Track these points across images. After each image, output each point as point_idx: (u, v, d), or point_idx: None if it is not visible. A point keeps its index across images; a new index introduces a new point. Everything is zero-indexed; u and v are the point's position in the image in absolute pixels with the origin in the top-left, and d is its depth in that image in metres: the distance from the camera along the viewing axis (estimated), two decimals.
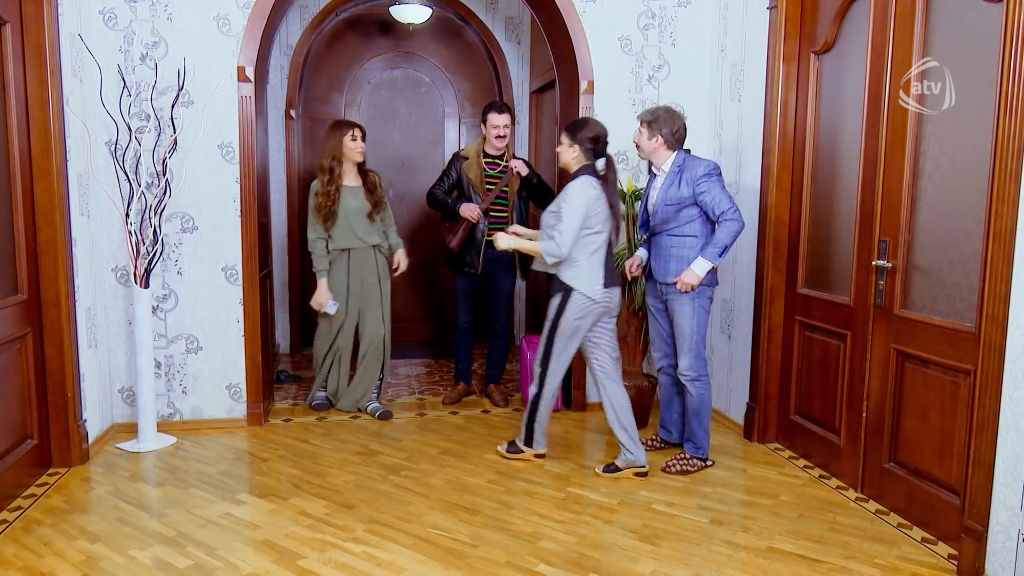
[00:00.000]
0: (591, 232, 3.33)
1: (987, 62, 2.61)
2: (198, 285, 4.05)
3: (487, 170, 4.40)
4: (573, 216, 3.25)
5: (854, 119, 3.33)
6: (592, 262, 3.35)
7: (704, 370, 3.57)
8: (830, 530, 2.98)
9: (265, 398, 4.28)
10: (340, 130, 4.14)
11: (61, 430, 3.50)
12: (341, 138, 4.11)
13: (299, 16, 5.70)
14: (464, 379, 4.74)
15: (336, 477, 3.48)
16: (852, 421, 3.37)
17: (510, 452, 3.73)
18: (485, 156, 4.42)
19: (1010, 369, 2.48)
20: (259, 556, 2.73)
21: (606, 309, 3.43)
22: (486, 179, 4.39)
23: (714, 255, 3.39)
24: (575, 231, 3.26)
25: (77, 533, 2.89)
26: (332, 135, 4.14)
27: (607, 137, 3.45)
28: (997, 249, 2.49)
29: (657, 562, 2.72)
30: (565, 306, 3.38)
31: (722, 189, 3.40)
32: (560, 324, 3.40)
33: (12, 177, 3.22)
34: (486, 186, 4.37)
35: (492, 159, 4.44)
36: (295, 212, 5.89)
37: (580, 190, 3.28)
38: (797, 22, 3.69)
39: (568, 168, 3.48)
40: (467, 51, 6.17)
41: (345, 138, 4.11)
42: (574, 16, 4.24)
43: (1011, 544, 2.48)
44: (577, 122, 3.49)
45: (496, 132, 4.34)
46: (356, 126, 4.15)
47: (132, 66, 3.84)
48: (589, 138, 3.40)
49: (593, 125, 3.44)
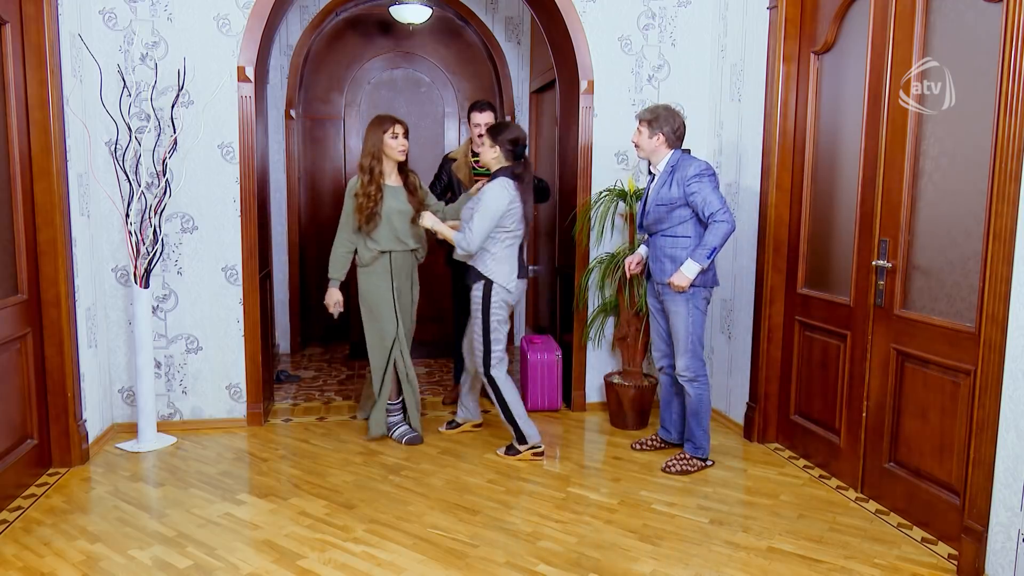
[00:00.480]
0: (506, 230, 3.58)
1: (987, 62, 2.61)
2: (198, 285, 4.05)
3: (476, 169, 4.37)
4: (485, 216, 3.50)
5: (854, 119, 3.33)
6: (507, 255, 3.63)
7: (702, 371, 3.57)
8: (830, 530, 2.98)
9: (265, 398, 4.28)
10: (381, 126, 3.79)
11: (61, 430, 3.50)
12: (382, 135, 3.77)
13: (299, 16, 5.70)
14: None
15: (336, 477, 3.48)
16: (852, 421, 3.37)
17: (509, 455, 3.75)
18: (473, 156, 4.39)
19: (1010, 369, 2.48)
20: (259, 556, 2.73)
21: (517, 299, 3.73)
22: (475, 178, 4.35)
23: (702, 257, 3.38)
24: (485, 231, 3.51)
25: (77, 533, 2.89)
26: (372, 132, 3.80)
27: (526, 141, 3.69)
28: (997, 249, 2.49)
29: (657, 562, 2.72)
30: (489, 299, 3.62)
31: (713, 190, 3.38)
32: (491, 319, 3.64)
33: (12, 177, 3.22)
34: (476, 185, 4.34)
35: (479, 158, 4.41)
36: (295, 212, 5.89)
37: (497, 194, 3.51)
38: (797, 22, 3.69)
39: (489, 167, 3.71)
40: (467, 51, 6.17)
41: (386, 136, 3.77)
42: (574, 16, 4.25)
43: (1011, 544, 2.48)
44: (499, 125, 3.72)
45: (478, 131, 4.30)
46: (398, 122, 3.81)
47: (132, 66, 3.85)
48: (509, 140, 3.61)
49: (514, 128, 3.66)
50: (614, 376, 4.29)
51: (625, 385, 4.16)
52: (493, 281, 3.60)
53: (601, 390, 4.49)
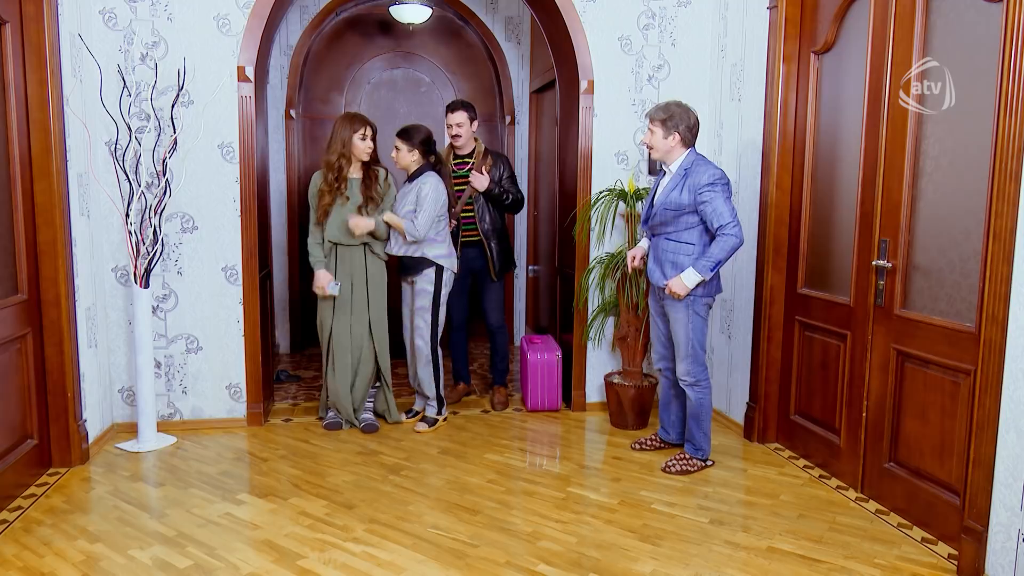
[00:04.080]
0: (441, 217, 4.01)
1: (987, 62, 2.61)
2: (198, 285, 4.05)
3: (456, 171, 4.36)
4: (431, 207, 3.92)
5: (854, 119, 3.33)
6: (447, 240, 4.07)
7: (703, 375, 3.55)
8: (830, 530, 2.98)
9: (265, 398, 4.28)
10: (351, 126, 3.94)
11: (61, 430, 3.50)
12: (351, 135, 3.93)
13: (299, 16, 5.70)
14: (463, 379, 4.74)
15: (336, 477, 3.48)
16: (852, 421, 3.37)
17: (431, 427, 4.15)
18: (455, 157, 4.40)
19: (1010, 369, 2.48)
20: (259, 556, 2.73)
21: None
22: (454, 180, 4.33)
23: (705, 268, 3.31)
24: (431, 220, 3.93)
25: (77, 533, 2.89)
26: (342, 129, 3.93)
27: (433, 136, 4.08)
28: (997, 249, 2.49)
29: (657, 562, 2.72)
30: (441, 282, 4.04)
31: (725, 201, 3.30)
32: (440, 299, 4.07)
33: (12, 177, 3.22)
34: (455, 187, 4.32)
35: (461, 159, 4.40)
36: (295, 212, 5.89)
37: (435, 187, 3.95)
38: (797, 22, 3.69)
39: (408, 169, 4.07)
40: (467, 51, 6.17)
41: (355, 136, 3.93)
42: (574, 16, 4.24)
43: (1011, 544, 2.48)
44: (408, 129, 4.03)
45: (449, 132, 4.32)
46: (368, 123, 3.97)
47: (132, 66, 3.85)
48: (421, 141, 4.01)
49: (422, 129, 4.04)
50: (614, 376, 4.29)
51: (625, 385, 4.16)
52: (443, 266, 4.03)
53: (601, 390, 4.49)
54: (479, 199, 4.35)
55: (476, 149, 4.40)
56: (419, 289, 4.06)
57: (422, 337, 4.09)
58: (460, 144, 4.35)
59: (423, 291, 4.05)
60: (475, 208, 4.36)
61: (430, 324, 4.07)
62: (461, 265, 4.35)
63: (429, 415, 4.21)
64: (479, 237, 4.39)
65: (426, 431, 4.12)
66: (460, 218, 4.35)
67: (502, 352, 4.66)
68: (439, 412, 4.21)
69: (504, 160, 4.44)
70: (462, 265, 4.37)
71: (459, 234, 4.36)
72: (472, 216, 4.38)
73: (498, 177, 4.36)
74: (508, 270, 4.57)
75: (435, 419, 4.19)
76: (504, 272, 4.50)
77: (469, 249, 4.41)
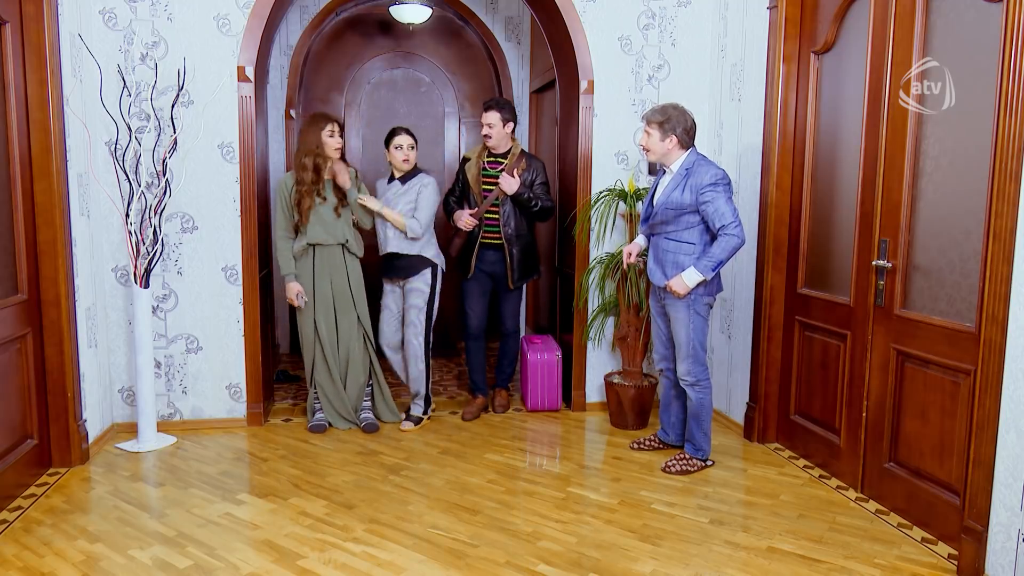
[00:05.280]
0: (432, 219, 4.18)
1: (987, 62, 2.61)
2: (198, 285, 4.06)
3: (487, 169, 4.26)
4: (431, 207, 4.09)
5: (854, 119, 3.33)
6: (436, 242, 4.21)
7: (703, 375, 3.55)
8: (830, 530, 2.98)
9: (265, 398, 4.28)
10: (318, 125, 3.93)
11: (61, 430, 3.50)
12: (320, 133, 3.91)
13: (299, 16, 5.70)
14: (481, 391, 4.49)
15: (336, 477, 3.48)
16: (852, 421, 3.37)
17: (417, 424, 4.21)
18: (489, 156, 4.29)
19: (1010, 369, 2.48)
20: (259, 556, 2.73)
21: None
22: (484, 179, 4.24)
23: (706, 268, 3.32)
24: (431, 218, 4.11)
25: (77, 533, 2.89)
26: (311, 130, 3.93)
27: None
28: (997, 249, 2.49)
29: (657, 562, 2.72)
30: (437, 282, 4.17)
31: (727, 201, 3.30)
32: (435, 301, 4.18)
33: (12, 177, 3.22)
34: (483, 186, 4.23)
35: (494, 158, 4.27)
36: None
37: (434, 187, 4.13)
38: (797, 22, 3.69)
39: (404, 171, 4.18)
40: (467, 51, 6.17)
41: (323, 133, 3.91)
42: (574, 16, 4.24)
43: (1011, 544, 2.48)
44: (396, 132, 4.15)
45: (483, 131, 4.23)
46: (333, 120, 3.97)
47: (132, 66, 3.85)
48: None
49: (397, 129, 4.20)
50: (614, 376, 4.29)
51: (625, 385, 4.16)
52: (438, 266, 4.17)
53: (601, 390, 4.49)
54: (507, 202, 4.21)
55: (512, 150, 4.26)
56: (412, 288, 4.13)
57: (417, 334, 4.15)
58: (492, 144, 4.22)
59: (417, 290, 4.13)
60: (501, 211, 4.22)
61: (424, 322, 4.15)
62: (479, 268, 4.29)
63: (415, 413, 4.24)
64: (500, 241, 4.25)
65: (411, 429, 4.16)
66: (483, 219, 4.23)
67: (511, 356, 4.61)
68: (425, 411, 4.26)
69: (540, 165, 4.29)
70: (480, 268, 4.30)
71: (479, 235, 4.25)
72: (496, 219, 4.24)
73: (529, 181, 4.20)
74: (529, 279, 4.42)
75: (420, 417, 4.24)
76: (523, 281, 4.36)
77: (488, 252, 4.28)
